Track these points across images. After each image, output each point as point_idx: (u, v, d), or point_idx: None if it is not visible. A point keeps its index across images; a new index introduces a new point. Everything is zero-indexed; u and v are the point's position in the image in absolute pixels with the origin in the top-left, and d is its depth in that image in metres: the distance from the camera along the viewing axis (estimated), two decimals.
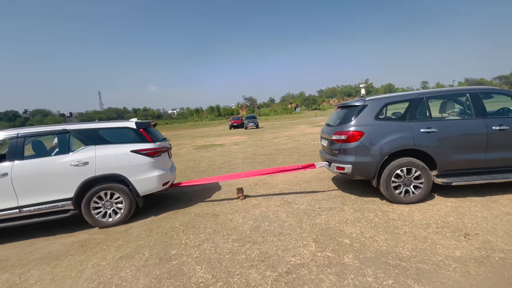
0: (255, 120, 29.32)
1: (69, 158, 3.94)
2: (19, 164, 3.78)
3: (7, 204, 3.72)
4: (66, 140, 4.15)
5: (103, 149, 4.09)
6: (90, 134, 4.15)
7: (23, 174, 3.76)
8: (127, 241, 3.53)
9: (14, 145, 3.86)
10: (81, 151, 4.03)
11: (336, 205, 4.20)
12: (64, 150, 4.11)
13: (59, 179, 3.86)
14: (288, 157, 8.85)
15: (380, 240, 3.03)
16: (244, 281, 2.48)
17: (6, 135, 3.94)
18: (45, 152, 4.21)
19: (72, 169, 3.89)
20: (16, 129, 4.02)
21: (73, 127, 4.18)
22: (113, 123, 4.43)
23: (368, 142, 4.03)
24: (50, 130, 4.16)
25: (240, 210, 4.35)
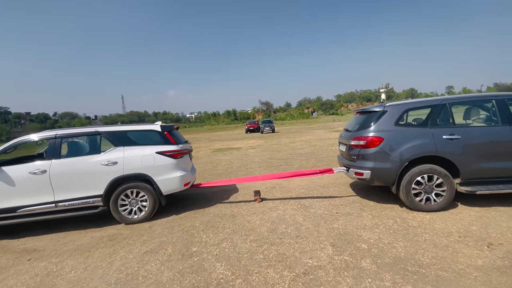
0: (271, 124, 29.41)
1: (100, 158, 4.25)
2: (57, 162, 4.13)
3: (45, 198, 4.06)
4: (97, 141, 4.47)
5: (131, 150, 4.36)
6: (119, 136, 4.45)
7: (60, 171, 4.09)
8: (151, 237, 3.74)
9: (52, 145, 4.22)
10: (111, 151, 4.33)
11: (354, 211, 4.19)
12: (95, 150, 4.43)
13: (91, 177, 4.16)
14: (305, 162, 8.86)
15: (399, 246, 3.01)
16: (263, 279, 2.57)
17: (46, 136, 4.32)
18: (79, 152, 4.55)
19: (102, 168, 4.19)
20: (54, 130, 4.39)
21: (104, 129, 4.50)
22: (140, 126, 4.72)
23: (387, 148, 4.01)
24: (84, 132, 4.51)
25: (258, 212, 4.45)
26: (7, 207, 3.97)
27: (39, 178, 4.01)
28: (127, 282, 2.70)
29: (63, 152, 4.32)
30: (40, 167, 4.06)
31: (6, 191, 3.95)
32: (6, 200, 3.96)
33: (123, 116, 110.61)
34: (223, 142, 20.85)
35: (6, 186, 3.94)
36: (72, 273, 2.97)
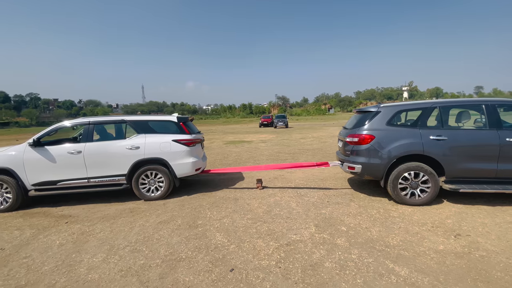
0: (285, 119, 29.69)
1: (125, 143, 4.97)
2: (89, 144, 4.88)
3: (80, 174, 4.83)
4: (123, 128, 5.20)
5: (151, 137, 5.06)
6: (141, 125, 5.15)
7: (92, 152, 4.84)
8: (164, 212, 4.41)
9: (86, 130, 4.99)
10: (135, 137, 5.04)
11: (343, 201, 4.64)
12: (121, 136, 5.16)
13: (117, 159, 4.89)
14: (311, 157, 9.28)
15: (374, 231, 3.46)
16: (252, 246, 3.13)
17: (81, 122, 5.08)
18: (108, 137, 5.31)
19: (127, 151, 4.90)
20: (87, 118, 5.16)
21: (129, 118, 5.22)
22: (159, 117, 5.42)
23: (377, 146, 4.40)
24: (112, 120, 5.26)
25: (257, 197, 5.00)
26: (50, 180, 4.77)
27: (75, 157, 4.77)
28: (145, 242, 3.35)
29: (95, 137, 5.07)
30: (77, 148, 4.82)
31: (49, 167, 4.75)
32: (49, 174, 4.76)
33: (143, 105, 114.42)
34: (236, 135, 21.51)
35: (49, 163, 4.74)
36: (101, 233, 3.68)
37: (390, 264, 2.70)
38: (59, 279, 2.66)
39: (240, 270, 2.68)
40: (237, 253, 3.00)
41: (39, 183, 4.76)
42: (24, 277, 2.71)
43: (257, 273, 2.63)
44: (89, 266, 2.86)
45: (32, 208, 4.85)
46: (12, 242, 3.54)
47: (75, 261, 2.99)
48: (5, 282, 2.64)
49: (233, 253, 3.01)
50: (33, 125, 73.97)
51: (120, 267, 2.81)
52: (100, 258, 3.02)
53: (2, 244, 3.47)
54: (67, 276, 2.71)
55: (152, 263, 2.88)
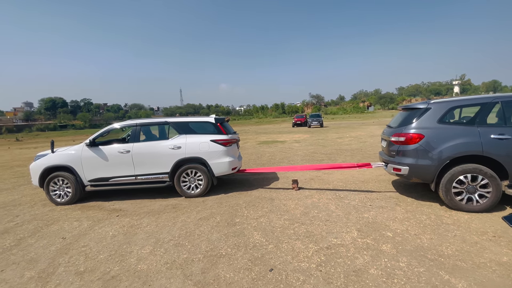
0: (320, 118, 28.78)
1: (168, 143, 5.28)
2: (137, 144, 5.28)
3: (128, 172, 5.25)
4: (167, 130, 5.54)
5: (191, 137, 5.31)
6: (182, 126, 5.44)
7: (139, 151, 5.23)
8: (204, 208, 4.58)
9: (134, 131, 5.41)
10: (176, 138, 5.34)
11: (388, 205, 4.34)
12: (164, 136, 5.50)
13: (161, 158, 5.21)
14: (349, 158, 8.88)
15: (424, 238, 3.17)
16: (290, 248, 3.09)
17: (129, 124, 5.53)
18: (152, 137, 5.69)
19: (170, 151, 5.21)
20: (135, 120, 5.59)
21: (171, 120, 5.54)
22: (198, 118, 5.66)
23: (427, 145, 4.03)
24: (157, 122, 5.62)
25: (294, 198, 4.92)
26: (103, 176, 5.27)
27: (125, 156, 5.20)
28: (187, 237, 3.52)
29: (142, 137, 5.47)
30: (126, 147, 5.25)
31: (103, 165, 5.24)
32: (102, 172, 5.26)
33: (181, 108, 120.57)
34: (269, 135, 21.52)
35: (103, 161, 5.23)
36: (147, 227, 3.95)
37: (445, 275, 2.45)
38: (113, 267, 2.91)
39: (279, 271, 2.66)
40: (275, 253, 2.98)
41: (94, 179, 5.28)
42: (83, 264, 3.02)
43: (297, 275, 2.59)
44: (138, 257, 3.09)
45: (88, 202, 5.40)
46: (72, 232, 3.97)
47: (126, 251, 3.25)
48: (66, 269, 2.96)
49: (272, 253, 3.00)
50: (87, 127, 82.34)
51: (165, 260, 2.98)
52: (147, 250, 3.23)
53: (63, 234, 3.91)
54: (120, 265, 2.95)
55: (195, 257, 3.00)
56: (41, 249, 3.46)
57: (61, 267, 2.99)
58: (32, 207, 5.34)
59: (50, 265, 3.04)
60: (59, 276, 2.80)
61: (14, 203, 5.67)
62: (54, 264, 3.06)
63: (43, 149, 18.38)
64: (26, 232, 4.06)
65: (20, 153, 17.93)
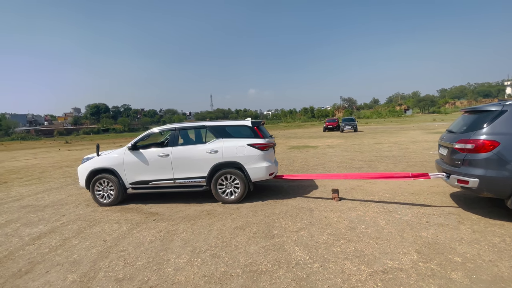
0: (354, 123, 27.43)
1: (205, 147, 5.23)
2: (176, 148, 5.30)
3: (167, 175, 5.27)
4: (204, 134, 5.51)
5: (228, 141, 5.20)
6: (219, 130, 5.35)
7: (178, 156, 5.23)
8: (239, 216, 4.40)
9: (173, 135, 5.46)
10: (213, 142, 5.26)
11: (449, 222, 3.77)
12: (201, 140, 5.49)
13: (199, 162, 5.16)
14: (392, 166, 8.17)
15: (502, 266, 2.63)
16: (339, 268, 2.74)
17: (168, 128, 5.60)
18: (190, 141, 5.70)
19: (207, 155, 5.14)
20: (173, 124, 5.63)
21: (208, 124, 5.49)
22: (235, 122, 5.54)
23: (504, 154, 3.41)
24: (194, 126, 5.63)
25: (335, 210, 4.53)
26: (144, 179, 5.35)
27: (164, 160, 5.24)
28: (224, 247, 3.34)
29: (180, 141, 5.49)
30: (165, 151, 5.28)
31: (144, 168, 5.32)
32: (143, 175, 5.34)
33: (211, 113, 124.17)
34: (299, 139, 20.97)
35: (143, 165, 5.32)
36: (183, 234, 3.85)
37: None
38: (151, 277, 2.81)
39: None
40: (322, 274, 2.66)
41: (135, 182, 5.38)
42: (122, 271, 2.97)
43: None
44: (175, 267, 2.97)
45: (127, 204, 5.52)
46: (112, 234, 4.02)
47: (163, 259, 3.16)
48: (106, 274, 2.93)
49: (318, 273, 2.68)
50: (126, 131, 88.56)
51: (203, 272, 2.82)
52: (184, 260, 3.11)
53: (104, 236, 3.97)
54: (158, 274, 2.85)
55: (233, 272, 2.79)
56: (83, 251, 3.53)
57: (102, 271, 2.97)
58: (77, 207, 5.61)
59: (91, 269, 3.04)
60: (100, 282, 2.77)
61: (61, 202, 6.02)
62: (95, 268, 3.07)
63: (88, 151, 19.91)
64: (71, 232, 4.21)
65: (68, 154, 19.59)
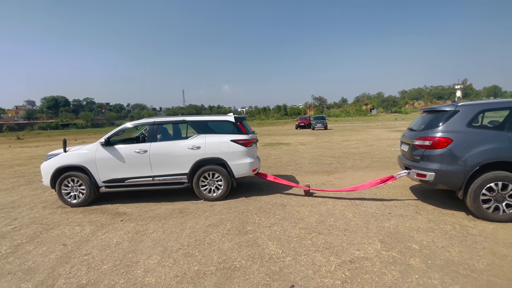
0: (324, 121, 28.48)
1: (187, 143, 5.05)
2: (154, 144, 5.04)
3: (145, 173, 5.00)
4: (185, 128, 5.31)
5: (211, 137, 5.08)
6: (201, 125, 5.19)
7: (157, 152, 4.98)
8: (212, 214, 4.35)
9: (151, 130, 5.18)
10: (195, 137, 5.10)
11: (408, 213, 4.10)
12: (182, 136, 5.30)
13: (180, 158, 4.98)
14: (359, 161, 8.63)
15: (453, 251, 2.93)
16: (310, 261, 2.85)
17: (146, 122, 5.31)
18: (170, 137, 5.45)
19: (189, 151, 4.98)
20: (152, 118, 5.35)
21: (190, 118, 5.30)
22: (218, 117, 5.42)
23: (456, 150, 3.78)
24: (174, 120, 5.38)
25: (307, 204, 4.68)
26: (119, 177, 5.02)
27: (141, 156, 4.96)
28: (196, 246, 3.28)
29: (159, 137, 5.25)
30: (143, 147, 5.01)
31: (118, 165, 4.99)
32: (118, 172, 5.01)
33: (183, 109, 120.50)
34: (273, 136, 21.27)
35: (118, 161, 4.98)
36: (154, 234, 3.71)
37: None
38: (118, 280, 2.67)
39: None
40: (294, 267, 2.74)
41: (109, 180, 5.04)
42: (85, 276, 2.78)
43: None
44: (145, 268, 2.85)
45: (91, 205, 5.15)
46: (73, 238, 3.73)
47: (132, 261, 3.01)
48: (67, 280, 2.71)
49: (290, 266, 2.76)
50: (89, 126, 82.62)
51: (175, 272, 2.74)
52: (155, 260, 3.00)
53: (64, 240, 3.68)
54: (126, 277, 2.72)
55: (207, 270, 2.76)
56: (40, 257, 3.23)
57: (62, 278, 2.75)
58: (32, 209, 5.12)
59: (49, 276, 2.80)
60: None
61: (12, 205, 5.45)
62: (54, 275, 2.83)
63: (45, 148, 18.25)
64: (24, 237, 3.83)
65: (21, 151, 17.77)
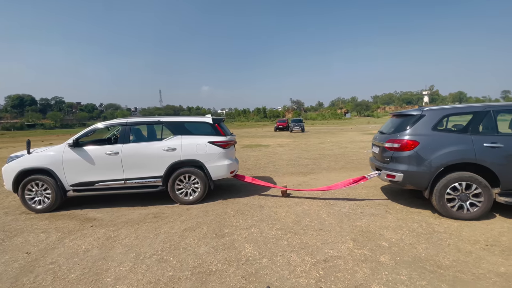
0: (301, 124, 29.24)
1: (162, 144, 4.88)
2: (127, 146, 4.82)
3: (117, 176, 4.77)
4: (160, 130, 5.15)
5: (187, 138, 4.95)
6: (177, 126, 5.05)
7: (129, 153, 4.77)
8: (188, 218, 4.25)
9: (123, 131, 4.94)
10: (171, 139, 4.94)
11: (379, 212, 4.29)
12: (157, 137, 5.11)
13: (154, 160, 4.80)
14: (333, 163, 8.92)
15: (420, 248, 3.11)
16: (286, 261, 2.88)
17: (118, 123, 5.06)
18: (144, 138, 5.23)
19: (164, 153, 4.81)
20: (124, 119, 5.11)
21: (165, 119, 5.13)
22: (195, 118, 5.30)
23: (423, 152, 4.02)
24: (148, 121, 5.18)
25: (284, 205, 4.74)
26: (88, 180, 4.74)
27: (113, 158, 4.72)
28: (171, 251, 3.19)
29: (132, 138, 5.03)
30: (114, 149, 4.77)
31: (87, 168, 4.71)
32: (87, 175, 4.73)
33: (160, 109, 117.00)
34: (252, 138, 21.36)
35: (87, 164, 4.71)
36: (126, 240, 3.56)
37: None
38: None
39: None
40: (270, 268, 2.76)
41: (77, 183, 4.75)
42: (51, 285, 2.60)
43: None
44: (116, 276, 2.72)
45: (58, 211, 4.83)
46: (38, 245, 3.49)
47: (101, 269, 2.86)
48: None
49: (267, 267, 2.78)
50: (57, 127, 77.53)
51: (148, 279, 2.65)
52: (127, 267, 2.87)
53: (28, 248, 3.42)
54: (95, 285, 2.58)
55: (181, 275, 2.69)
56: (2, 266, 2.98)
57: None
58: None
59: (12, 286, 2.59)
60: None
61: None
62: (18, 284, 2.62)
63: (8, 150, 16.86)
64: None
65: None
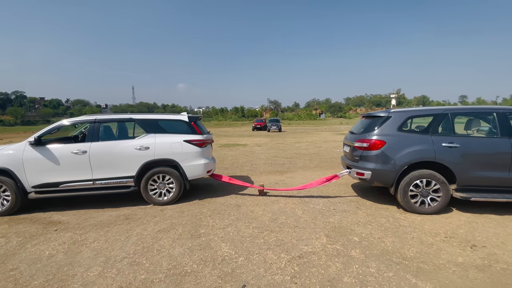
0: (278, 123, 29.70)
1: (134, 143, 4.66)
2: (95, 144, 4.54)
3: (85, 176, 4.48)
4: (131, 127, 4.92)
5: (161, 137, 4.76)
6: (151, 124, 4.85)
7: (98, 152, 4.49)
8: (163, 219, 4.13)
9: (92, 128, 4.63)
10: (144, 137, 4.73)
11: (350, 209, 4.49)
12: (128, 135, 4.88)
13: (125, 159, 4.56)
14: (308, 162, 9.15)
15: (387, 241, 3.31)
16: (262, 259, 2.91)
17: (86, 120, 4.75)
18: (114, 136, 4.96)
19: (136, 152, 4.59)
20: (93, 115, 4.81)
21: (137, 116, 4.91)
22: (170, 116, 5.12)
23: (389, 151, 4.27)
24: (119, 118, 4.93)
25: (260, 204, 4.78)
26: (52, 181, 4.40)
27: (80, 157, 4.42)
28: (144, 253, 3.08)
29: (101, 136, 4.73)
30: (82, 147, 4.47)
31: (51, 168, 4.38)
32: (51, 176, 4.39)
33: (133, 106, 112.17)
34: (230, 138, 21.26)
35: (51, 163, 4.37)
36: (95, 243, 3.37)
37: (412, 278, 2.55)
38: None
39: (252, 287, 2.46)
40: (247, 267, 2.77)
41: (40, 185, 4.40)
42: None
43: None
44: (83, 282, 2.57)
45: (18, 214, 4.45)
46: None
47: (67, 275, 2.69)
48: None
49: (243, 266, 2.78)
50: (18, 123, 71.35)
51: (119, 283, 2.53)
52: (95, 272, 2.72)
53: None
54: None
55: (155, 278, 2.61)
56: None
57: None
58: None
59: None
60: None
61: None
62: None
63: None
64: None
65: None
